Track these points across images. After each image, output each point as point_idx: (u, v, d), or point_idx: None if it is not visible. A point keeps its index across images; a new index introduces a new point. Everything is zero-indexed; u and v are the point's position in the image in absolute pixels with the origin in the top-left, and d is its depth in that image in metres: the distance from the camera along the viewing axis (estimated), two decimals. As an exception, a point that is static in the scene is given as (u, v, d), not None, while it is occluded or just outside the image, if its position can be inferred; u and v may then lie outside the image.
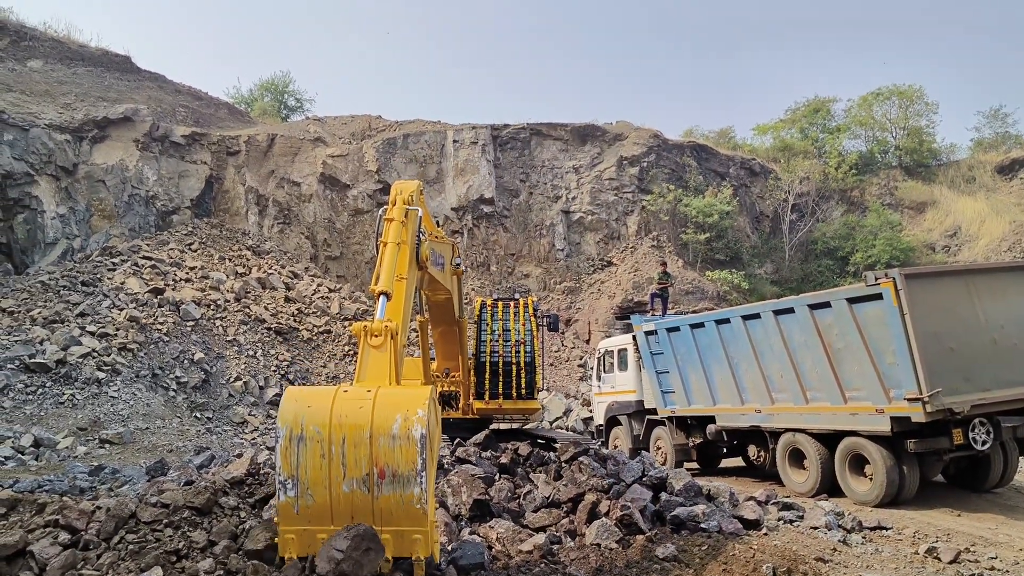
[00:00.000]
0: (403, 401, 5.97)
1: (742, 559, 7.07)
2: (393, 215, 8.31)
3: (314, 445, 5.75)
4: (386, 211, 8.47)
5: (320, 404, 5.90)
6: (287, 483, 5.77)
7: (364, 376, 6.54)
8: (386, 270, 7.76)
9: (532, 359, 14.19)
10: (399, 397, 6.05)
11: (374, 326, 6.79)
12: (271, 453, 18.40)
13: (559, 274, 35.14)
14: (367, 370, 6.59)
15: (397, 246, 8.03)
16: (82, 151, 28.76)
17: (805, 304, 12.64)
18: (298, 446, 5.76)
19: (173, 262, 27.57)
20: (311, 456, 5.77)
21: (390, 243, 8.06)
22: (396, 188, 8.85)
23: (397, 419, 5.82)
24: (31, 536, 6.74)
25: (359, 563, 6.05)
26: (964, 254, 35.22)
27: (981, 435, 11.32)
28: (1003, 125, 43.95)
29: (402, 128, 36.59)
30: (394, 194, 8.74)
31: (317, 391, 6.31)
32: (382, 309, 7.24)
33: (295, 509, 5.85)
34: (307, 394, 6.20)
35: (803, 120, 44.33)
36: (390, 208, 8.49)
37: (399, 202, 8.51)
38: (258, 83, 45.25)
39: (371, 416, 5.84)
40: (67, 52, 32.58)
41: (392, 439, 5.78)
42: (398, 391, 6.22)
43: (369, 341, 6.71)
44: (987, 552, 8.76)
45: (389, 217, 8.32)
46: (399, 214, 8.35)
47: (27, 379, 19.72)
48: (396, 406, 5.90)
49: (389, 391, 6.15)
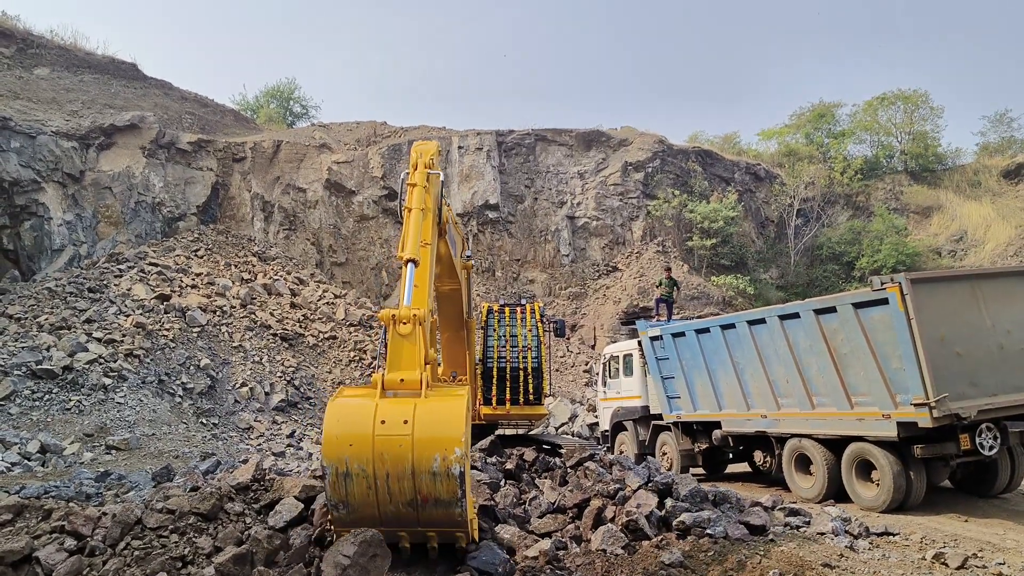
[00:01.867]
0: (441, 439, 6.11)
1: (748, 565, 7.05)
2: (416, 179, 8.32)
3: (360, 480, 6.00)
4: (408, 175, 8.49)
5: (361, 443, 6.06)
6: (338, 505, 6.06)
7: (396, 365, 6.64)
8: (412, 236, 7.83)
9: (539, 365, 14.17)
10: (436, 431, 6.14)
11: (401, 313, 6.83)
12: (276, 459, 18.48)
13: (564, 279, 35.13)
14: (399, 360, 6.70)
15: (422, 212, 8.08)
16: (89, 158, 28.87)
17: (811, 309, 12.62)
18: (345, 480, 6.01)
19: (179, 268, 27.64)
20: (358, 488, 6.04)
21: (415, 209, 8.08)
22: (416, 150, 8.84)
23: (436, 459, 6.05)
24: (37, 542, 6.77)
25: (365, 569, 6.07)
26: (970, 259, 35.11)
27: (988, 440, 11.27)
28: (1008, 129, 43.71)
29: (407, 134, 36.63)
30: (415, 157, 8.73)
31: (356, 422, 6.22)
32: (410, 279, 7.33)
33: (345, 520, 6.23)
34: (347, 432, 6.17)
35: (808, 125, 44.24)
36: (412, 172, 8.49)
37: (420, 165, 8.51)
38: (264, 90, 45.47)
39: (411, 455, 6.04)
40: (73, 60, 32.74)
41: (433, 476, 6.06)
42: (434, 421, 6.23)
43: (398, 330, 6.79)
44: (995, 558, 8.72)
45: (412, 182, 8.33)
46: (421, 179, 8.35)
47: (34, 385, 19.77)
48: (434, 444, 6.08)
49: (426, 422, 6.18)
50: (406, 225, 8.07)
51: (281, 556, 6.65)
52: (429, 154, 8.77)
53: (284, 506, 7.69)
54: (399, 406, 6.26)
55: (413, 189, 8.34)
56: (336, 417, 6.26)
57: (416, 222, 8.03)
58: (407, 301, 7.10)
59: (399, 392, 6.48)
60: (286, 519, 7.48)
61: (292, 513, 7.57)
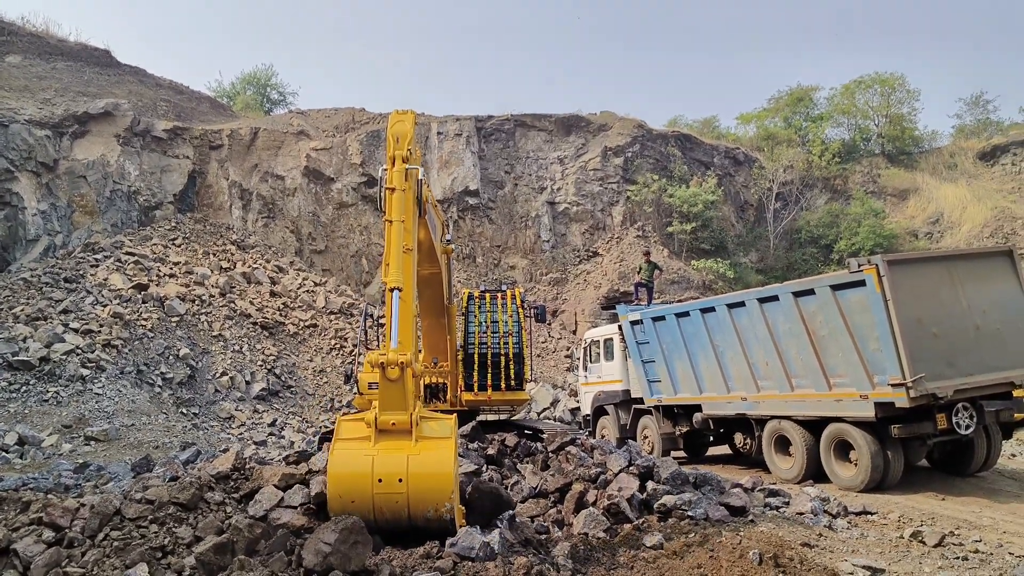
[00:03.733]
0: (433, 493, 6.88)
1: (729, 546, 7.09)
2: (394, 182, 8.06)
3: (360, 515, 6.60)
4: (386, 173, 8.21)
5: (362, 501, 6.86)
6: (339, 516, 6.57)
7: (387, 407, 7.14)
8: (395, 258, 7.73)
9: (520, 350, 14.17)
10: (429, 487, 6.91)
11: (389, 358, 7.11)
12: (257, 448, 18.42)
13: (545, 265, 35.14)
14: (390, 403, 7.15)
15: (402, 223, 7.93)
16: (63, 147, 28.52)
17: (789, 292, 12.68)
18: (348, 514, 6.59)
19: (157, 257, 27.41)
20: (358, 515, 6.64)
21: (395, 222, 7.89)
22: (392, 133, 8.48)
23: (429, 510, 6.89)
24: (15, 534, 6.70)
25: (347, 556, 6.07)
26: (947, 240, 35.44)
27: (964, 419, 11.39)
28: (984, 112, 44.18)
29: (386, 120, 36.11)
30: (390, 143, 8.40)
31: (355, 484, 6.94)
32: (395, 314, 7.45)
33: None
34: (348, 491, 6.94)
35: (786, 109, 44.41)
36: (388, 168, 8.22)
37: (398, 160, 8.22)
38: (240, 77, 44.99)
39: (407, 511, 6.89)
40: (46, 47, 32.28)
41: (427, 520, 6.94)
42: (426, 475, 6.93)
43: (387, 374, 7.12)
44: (971, 535, 8.83)
45: (390, 185, 8.07)
46: (399, 180, 8.09)
47: (10, 377, 19.58)
48: (428, 499, 6.88)
49: (419, 476, 6.89)
50: (388, 243, 7.87)
51: (262, 544, 6.62)
52: (406, 140, 8.44)
53: (264, 495, 7.66)
54: (393, 458, 6.91)
55: (392, 196, 8.04)
56: (338, 477, 6.98)
57: (398, 239, 7.81)
58: (393, 343, 7.33)
59: (392, 432, 7.07)
60: (266, 507, 7.46)
61: (272, 502, 7.55)
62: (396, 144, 8.39)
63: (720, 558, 6.82)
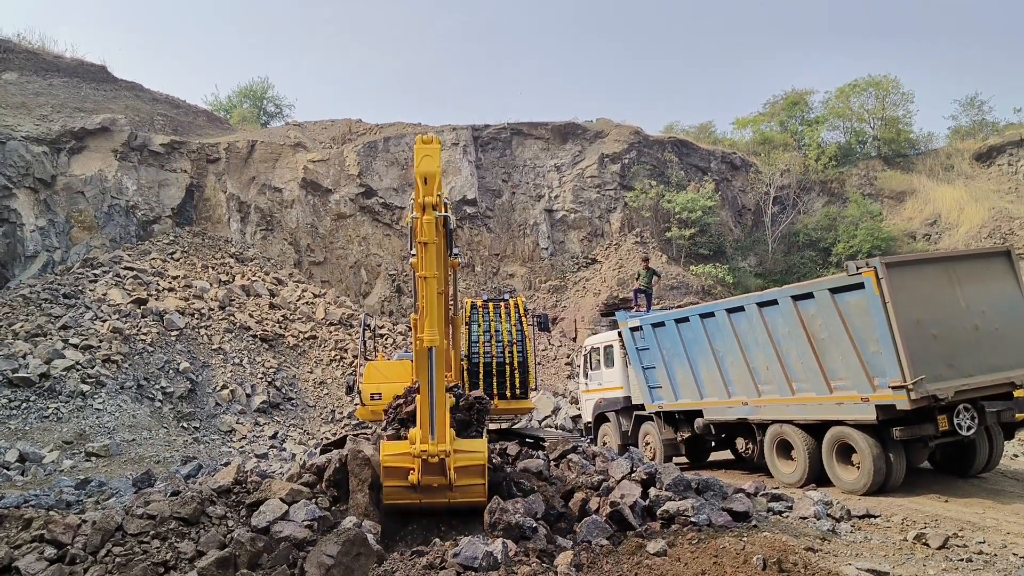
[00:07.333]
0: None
1: (732, 551, 7.08)
2: (426, 235, 7.50)
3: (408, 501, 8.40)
4: (415, 223, 7.62)
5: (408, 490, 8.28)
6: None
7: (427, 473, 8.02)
8: (432, 315, 7.60)
9: (524, 359, 14.17)
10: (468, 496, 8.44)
11: (431, 451, 7.75)
12: (259, 461, 18.37)
13: (544, 273, 35.14)
14: (429, 476, 8.02)
15: (437, 277, 7.95)
16: (60, 163, 28.54)
17: (788, 296, 12.70)
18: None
19: (155, 272, 27.38)
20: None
21: (429, 277, 7.61)
22: (420, 172, 7.68)
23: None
24: (17, 552, 6.69)
25: (349, 568, 6.07)
26: (944, 242, 35.44)
27: (966, 420, 11.40)
28: (979, 113, 44.18)
29: (383, 131, 36.45)
30: (419, 188, 7.63)
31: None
32: (432, 366, 7.64)
33: None
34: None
35: (782, 113, 44.45)
36: (419, 217, 7.56)
37: (428, 209, 7.54)
38: (236, 90, 45.07)
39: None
40: (42, 63, 32.30)
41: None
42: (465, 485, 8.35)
43: (429, 460, 7.83)
44: (975, 537, 8.82)
45: (423, 240, 7.54)
46: (430, 233, 7.54)
47: (11, 394, 19.54)
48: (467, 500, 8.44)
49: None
50: (422, 297, 7.71)
51: (265, 558, 6.61)
52: (435, 183, 7.66)
53: (268, 507, 7.65)
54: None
55: (425, 250, 7.59)
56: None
57: (434, 294, 7.67)
58: (432, 435, 7.76)
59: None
60: (269, 519, 7.45)
61: (276, 513, 7.53)
62: (425, 187, 7.67)
63: (724, 564, 6.82)
